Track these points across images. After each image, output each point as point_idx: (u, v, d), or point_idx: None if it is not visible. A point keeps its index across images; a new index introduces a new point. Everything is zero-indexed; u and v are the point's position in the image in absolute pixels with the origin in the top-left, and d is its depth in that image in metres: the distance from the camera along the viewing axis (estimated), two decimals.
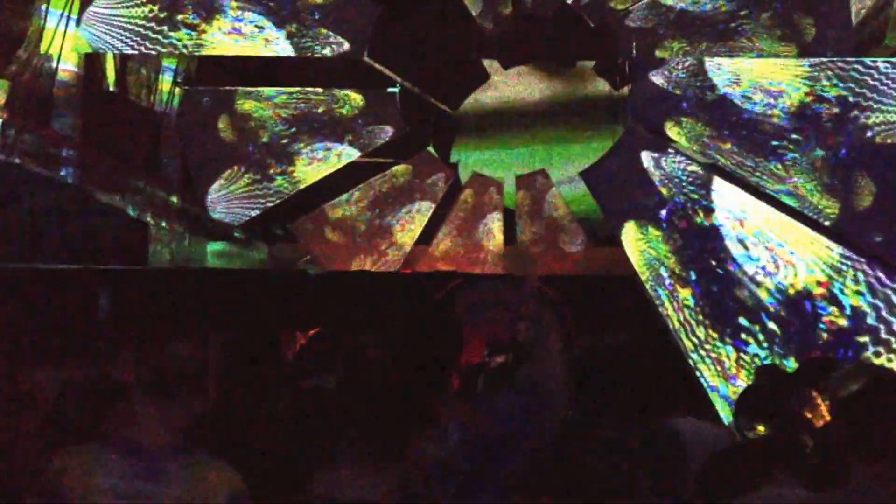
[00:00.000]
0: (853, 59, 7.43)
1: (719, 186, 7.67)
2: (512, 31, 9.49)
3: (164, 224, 9.33)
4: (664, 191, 7.76)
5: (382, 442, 3.20)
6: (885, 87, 7.23)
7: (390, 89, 9.50)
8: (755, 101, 7.64)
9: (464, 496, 3.60)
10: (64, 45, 8.25)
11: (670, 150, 7.94)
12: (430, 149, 9.72)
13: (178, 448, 2.85)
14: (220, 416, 3.77)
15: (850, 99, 7.28)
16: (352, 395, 3.69)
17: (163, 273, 8.96)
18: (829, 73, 7.38)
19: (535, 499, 2.94)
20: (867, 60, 7.44)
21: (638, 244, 7.84)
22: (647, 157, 7.93)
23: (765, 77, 7.68)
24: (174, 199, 9.42)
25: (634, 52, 8.38)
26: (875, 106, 7.23)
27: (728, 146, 7.72)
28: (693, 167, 7.79)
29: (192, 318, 7.71)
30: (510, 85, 10.01)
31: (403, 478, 3.19)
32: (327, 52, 8.69)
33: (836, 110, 7.33)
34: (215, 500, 2.78)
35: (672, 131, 7.96)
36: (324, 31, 8.60)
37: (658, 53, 8.25)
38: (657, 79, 8.14)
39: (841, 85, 7.32)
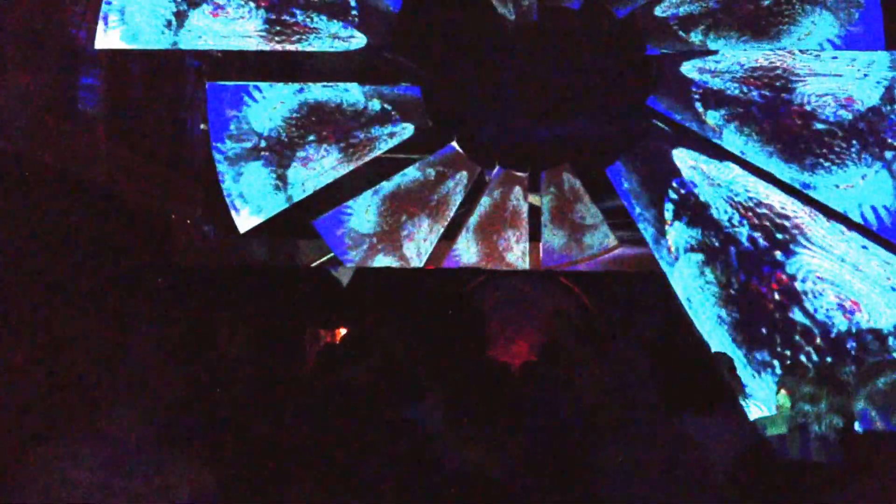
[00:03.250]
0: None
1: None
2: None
3: (188, 221, 9.30)
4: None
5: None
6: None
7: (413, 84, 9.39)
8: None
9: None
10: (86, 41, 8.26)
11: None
12: (455, 144, 9.60)
13: (148, 441, 2.80)
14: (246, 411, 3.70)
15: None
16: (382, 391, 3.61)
17: (187, 270, 8.93)
18: None
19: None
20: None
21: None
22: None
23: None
24: (199, 195, 9.40)
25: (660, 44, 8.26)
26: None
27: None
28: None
29: (215, 315, 7.66)
30: None
31: None
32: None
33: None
34: (181, 494, 2.73)
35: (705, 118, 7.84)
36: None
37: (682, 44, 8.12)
38: (685, 70, 8.00)
39: None
